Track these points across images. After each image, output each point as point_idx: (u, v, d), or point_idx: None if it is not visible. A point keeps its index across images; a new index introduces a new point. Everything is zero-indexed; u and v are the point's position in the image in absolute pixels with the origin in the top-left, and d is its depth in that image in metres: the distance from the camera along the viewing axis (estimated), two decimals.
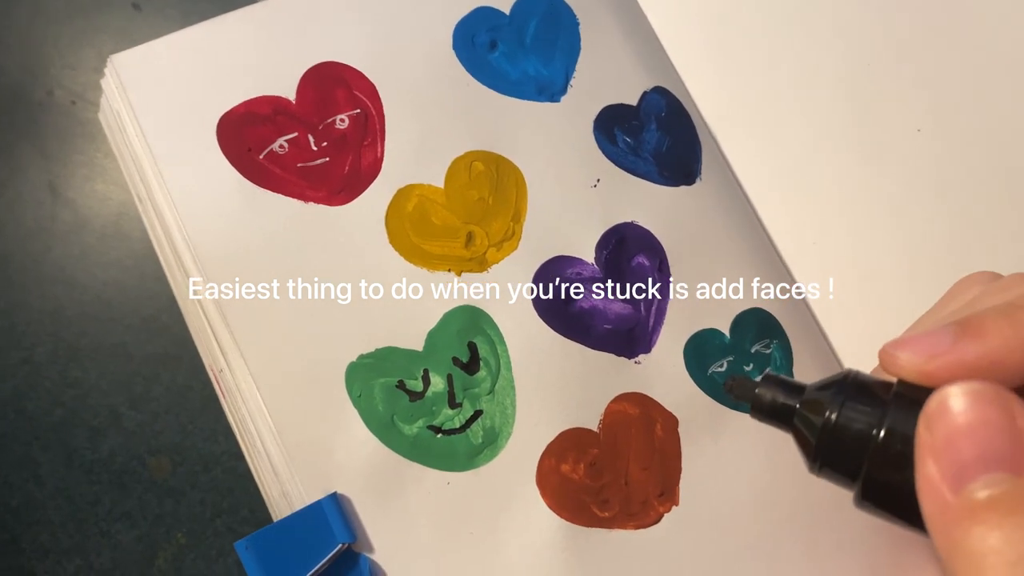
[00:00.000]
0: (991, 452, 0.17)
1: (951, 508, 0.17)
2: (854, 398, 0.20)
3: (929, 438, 0.18)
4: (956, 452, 0.17)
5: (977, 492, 0.17)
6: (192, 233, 0.30)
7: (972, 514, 0.17)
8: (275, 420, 0.28)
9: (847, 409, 0.20)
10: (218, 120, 0.31)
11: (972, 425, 0.17)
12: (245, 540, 0.27)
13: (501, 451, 0.29)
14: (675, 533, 0.29)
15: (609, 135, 0.33)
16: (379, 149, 0.31)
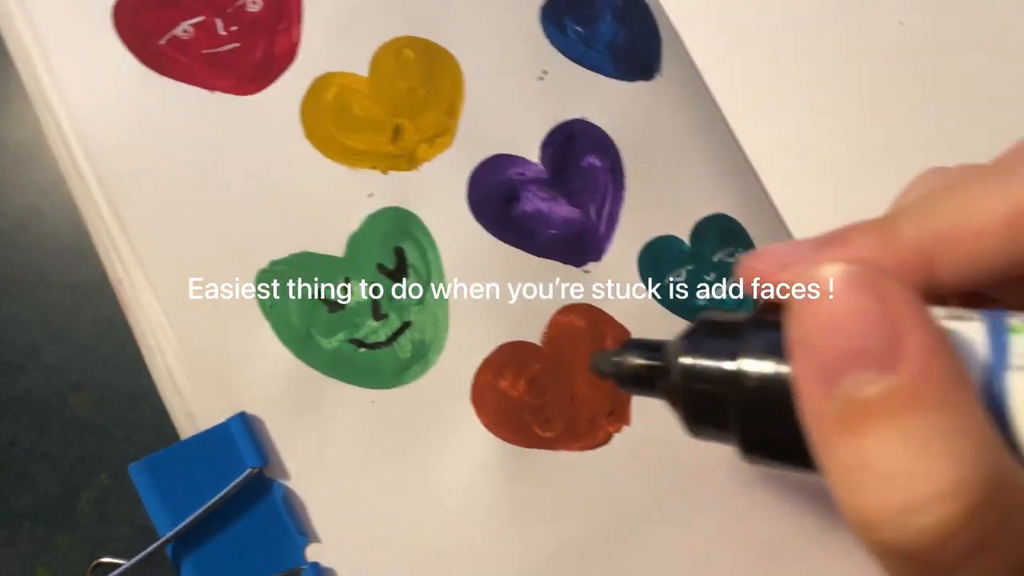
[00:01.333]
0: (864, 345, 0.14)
1: (821, 414, 0.15)
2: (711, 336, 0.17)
3: (796, 330, 0.15)
4: (824, 345, 0.15)
5: (848, 393, 0.14)
6: (85, 126, 0.26)
7: (840, 420, 0.14)
8: (177, 333, 0.25)
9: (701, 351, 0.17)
10: (115, 1, 0.27)
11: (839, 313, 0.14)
12: (139, 463, 0.24)
13: (432, 366, 0.26)
14: (625, 455, 0.26)
15: (558, 24, 0.30)
16: (295, 33, 0.28)
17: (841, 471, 0.14)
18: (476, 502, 0.25)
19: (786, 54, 0.33)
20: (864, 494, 0.14)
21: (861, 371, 0.14)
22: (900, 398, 0.14)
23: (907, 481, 0.14)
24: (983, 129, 0.32)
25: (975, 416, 0.14)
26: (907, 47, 0.33)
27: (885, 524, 0.14)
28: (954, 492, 0.13)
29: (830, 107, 0.32)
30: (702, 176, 0.30)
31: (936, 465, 0.13)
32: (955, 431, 0.14)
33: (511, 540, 0.25)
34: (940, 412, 0.14)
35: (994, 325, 0.15)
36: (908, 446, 0.14)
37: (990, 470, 0.13)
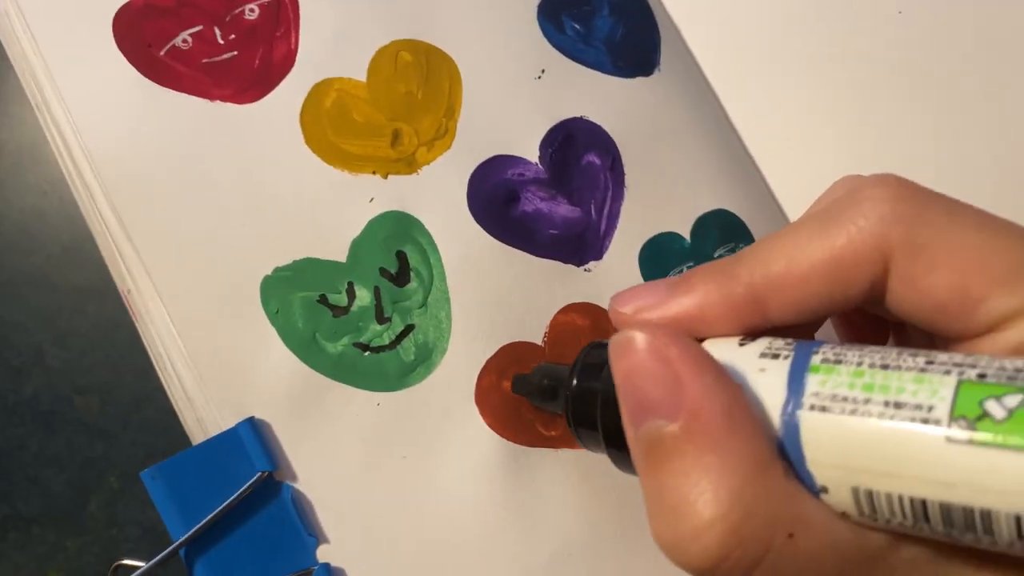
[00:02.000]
0: (653, 397, 0.17)
1: (633, 448, 0.17)
2: (590, 360, 0.21)
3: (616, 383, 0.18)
4: (630, 395, 0.17)
5: (643, 437, 0.17)
6: (88, 138, 0.27)
7: (643, 456, 0.17)
8: (185, 341, 0.26)
9: (581, 373, 0.21)
10: (114, 13, 0.27)
11: (634, 371, 0.17)
12: (152, 469, 0.25)
13: (436, 368, 0.26)
14: None
15: (556, 22, 0.30)
16: (293, 40, 0.28)
17: (647, 498, 0.17)
18: (481, 501, 0.26)
19: (785, 47, 0.33)
20: (657, 522, 0.17)
21: (654, 418, 0.17)
22: (680, 439, 0.16)
23: (683, 511, 0.16)
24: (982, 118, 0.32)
25: (744, 453, 0.16)
26: (906, 36, 0.33)
27: (671, 549, 0.16)
28: (715, 521, 0.16)
29: (830, 99, 0.32)
30: (702, 171, 0.30)
31: (704, 498, 0.16)
32: (722, 468, 0.16)
33: (516, 538, 0.26)
34: (711, 451, 0.16)
35: (798, 363, 0.17)
36: (686, 481, 0.16)
37: (751, 498, 0.16)
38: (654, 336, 0.17)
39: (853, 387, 0.16)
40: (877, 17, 0.34)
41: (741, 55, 0.33)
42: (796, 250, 0.18)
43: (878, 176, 0.18)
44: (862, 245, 0.17)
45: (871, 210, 0.17)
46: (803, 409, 0.16)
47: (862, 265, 0.17)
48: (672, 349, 0.17)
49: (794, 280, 0.18)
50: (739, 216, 0.30)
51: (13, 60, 0.30)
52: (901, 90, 0.33)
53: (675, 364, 0.17)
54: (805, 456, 0.16)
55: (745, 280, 0.18)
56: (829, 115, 0.32)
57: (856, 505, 0.16)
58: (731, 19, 0.33)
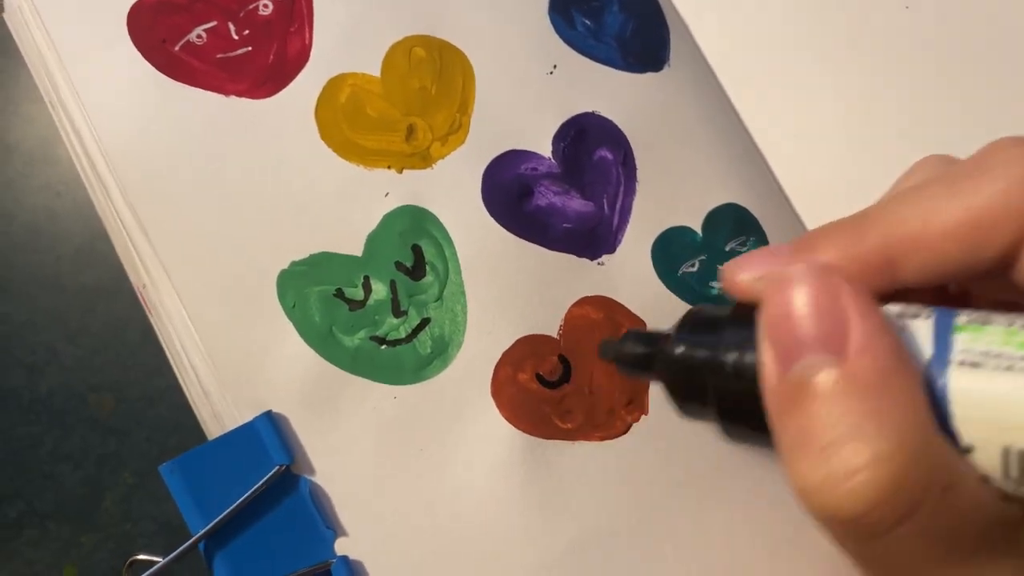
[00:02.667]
0: (815, 332, 0.16)
1: (777, 392, 0.17)
2: (696, 329, 0.20)
3: (763, 322, 0.17)
4: (783, 333, 0.17)
5: (799, 373, 0.16)
6: (103, 134, 0.27)
7: (792, 397, 0.16)
8: (202, 336, 0.26)
9: (687, 341, 0.20)
10: (128, 9, 0.27)
11: (797, 305, 0.17)
12: (170, 463, 0.25)
13: (452, 361, 0.27)
14: (645, 444, 0.27)
15: (567, 17, 0.30)
16: (307, 35, 0.28)
17: (788, 442, 0.16)
18: (498, 494, 0.26)
19: (793, 41, 0.33)
20: (804, 462, 0.16)
21: (812, 355, 0.16)
22: (842, 379, 0.16)
23: (840, 451, 0.15)
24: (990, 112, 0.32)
25: (907, 399, 0.15)
26: (914, 31, 0.34)
27: (819, 490, 0.16)
28: (879, 462, 0.15)
29: (839, 94, 0.33)
30: (713, 166, 0.30)
31: (866, 438, 0.15)
32: (886, 410, 0.15)
33: (533, 530, 0.26)
34: (875, 393, 0.15)
35: (941, 323, 0.16)
36: (845, 421, 0.15)
37: (915, 446, 0.15)
38: (823, 272, 0.17)
39: (1007, 344, 0.15)
40: (885, 12, 0.34)
41: (749, 50, 0.33)
42: (933, 209, 0.17)
43: (1016, 138, 0.17)
44: (1001, 204, 0.17)
45: (1012, 171, 0.17)
46: (952, 365, 0.16)
47: (1000, 226, 0.17)
48: (842, 287, 0.16)
49: (930, 240, 0.17)
50: (749, 210, 0.30)
51: (27, 57, 0.30)
52: (910, 85, 0.33)
53: (843, 300, 0.16)
54: (953, 413, 0.16)
55: (878, 239, 0.18)
56: (837, 109, 0.33)
57: (1004, 467, 0.15)
58: (739, 15, 0.33)
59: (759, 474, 0.27)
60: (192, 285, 0.26)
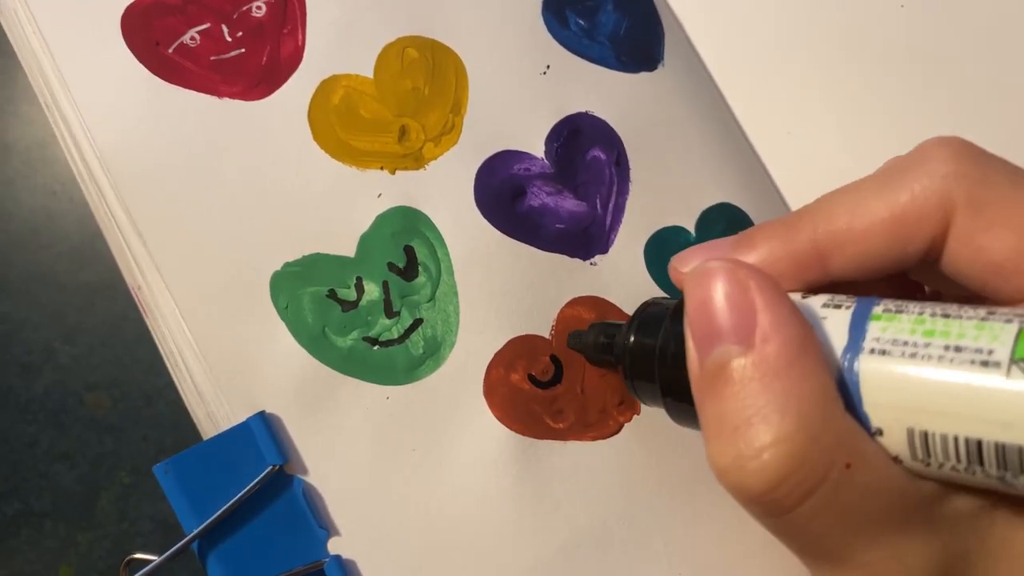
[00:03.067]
0: (726, 323, 0.17)
1: (699, 377, 0.18)
2: (646, 320, 0.22)
3: (686, 313, 0.18)
4: (702, 323, 0.18)
5: (713, 360, 0.17)
6: (97, 136, 0.27)
7: (710, 383, 0.17)
8: (195, 336, 0.26)
9: (639, 329, 0.22)
10: (122, 12, 0.27)
11: (712, 297, 0.18)
12: (164, 463, 0.25)
13: (444, 362, 0.27)
14: (636, 443, 0.27)
15: (560, 17, 0.30)
16: (300, 37, 0.28)
17: (707, 425, 0.18)
18: (491, 494, 0.26)
19: (788, 41, 0.33)
20: (718, 443, 0.17)
21: (724, 343, 0.17)
22: (749, 365, 0.17)
23: (745, 432, 0.16)
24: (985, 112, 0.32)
25: (810, 383, 0.16)
26: (909, 30, 0.34)
27: (730, 469, 0.17)
28: (780, 441, 0.16)
29: (833, 93, 0.33)
30: (707, 165, 0.30)
31: (769, 420, 0.16)
32: (789, 393, 0.16)
33: (525, 529, 0.26)
34: (778, 378, 0.16)
35: (859, 312, 0.17)
36: (752, 404, 0.16)
37: (816, 426, 0.16)
38: (734, 266, 0.18)
39: (914, 332, 0.16)
40: (880, 11, 0.34)
41: (743, 50, 0.33)
42: (859, 206, 0.18)
43: (942, 137, 0.18)
44: (925, 202, 0.17)
45: (936, 169, 0.17)
46: (863, 353, 0.16)
47: (924, 222, 0.17)
48: (751, 280, 0.17)
49: (856, 235, 0.18)
50: (743, 210, 0.30)
51: (22, 59, 0.30)
52: (904, 83, 0.33)
53: (751, 293, 0.17)
54: (863, 397, 0.16)
55: (808, 235, 0.18)
56: (832, 109, 0.33)
57: (910, 448, 0.16)
58: (733, 14, 0.33)
59: None
60: (186, 286, 0.26)
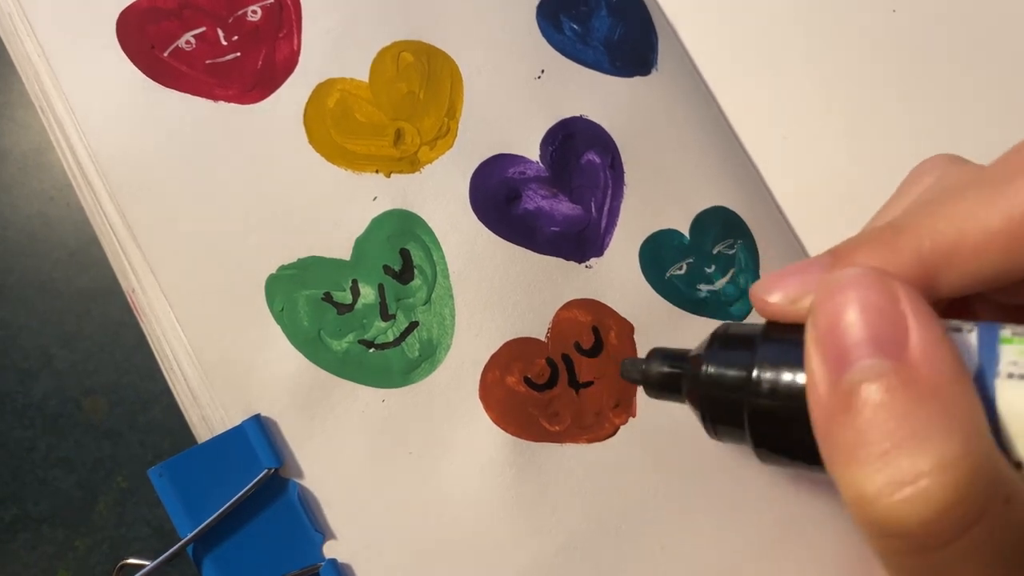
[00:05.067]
0: (872, 336, 0.15)
1: (828, 400, 0.16)
2: (726, 347, 0.19)
3: (814, 330, 0.16)
4: (836, 338, 0.16)
5: (854, 377, 0.15)
6: (93, 140, 0.27)
7: (848, 402, 0.15)
8: (190, 339, 0.26)
9: (718, 361, 0.19)
10: (118, 16, 0.28)
11: (854, 309, 0.16)
12: (159, 467, 0.25)
13: (440, 364, 0.27)
14: (632, 446, 0.27)
15: (554, 22, 0.30)
16: (295, 41, 0.28)
17: (842, 450, 0.15)
18: (487, 496, 0.26)
19: (781, 45, 0.33)
20: (861, 469, 0.15)
21: (870, 357, 0.15)
22: (902, 383, 0.15)
23: (902, 456, 0.14)
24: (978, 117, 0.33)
25: (969, 404, 0.15)
26: (900, 35, 0.34)
27: (876, 499, 0.15)
28: (943, 468, 0.14)
29: (826, 96, 0.33)
30: (700, 169, 0.30)
31: (930, 443, 0.14)
32: (950, 415, 0.14)
33: (521, 532, 0.26)
34: (938, 397, 0.15)
35: (987, 335, 0.16)
36: (905, 425, 0.15)
37: (980, 452, 0.14)
38: (881, 275, 0.16)
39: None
40: (872, 16, 0.34)
41: (737, 54, 0.33)
42: (968, 217, 0.16)
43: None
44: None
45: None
46: (1000, 378, 0.15)
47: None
48: (901, 290, 0.16)
49: (969, 249, 0.16)
50: (737, 213, 0.30)
51: (17, 64, 0.30)
52: (896, 88, 0.33)
53: (903, 303, 0.16)
54: (1003, 427, 0.15)
55: (912, 251, 0.17)
56: (824, 113, 0.33)
57: None
58: (727, 19, 0.34)
59: (747, 475, 0.27)
60: (181, 290, 0.26)
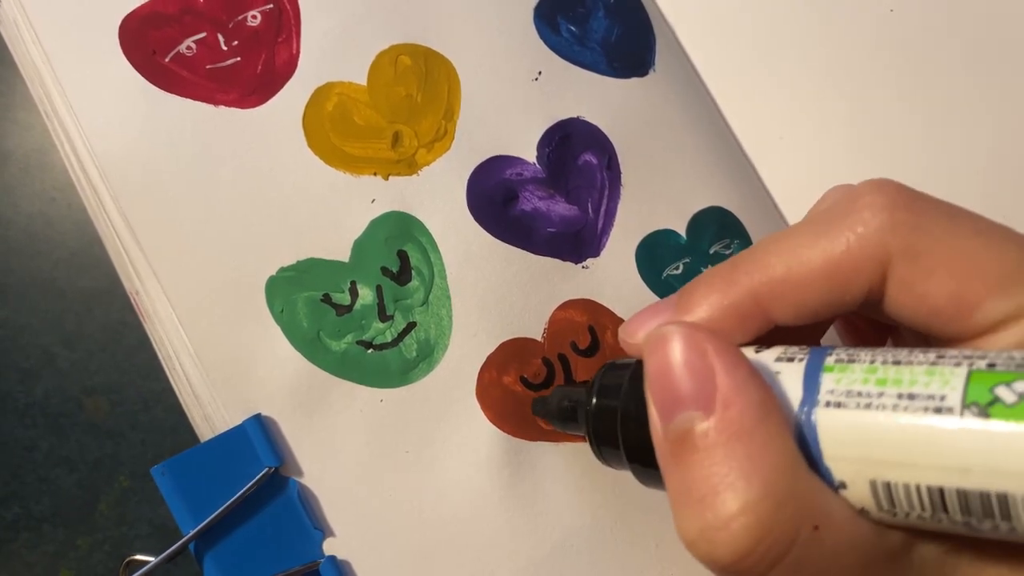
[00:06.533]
0: (687, 390, 0.17)
1: (662, 444, 0.17)
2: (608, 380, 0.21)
3: (647, 379, 0.18)
4: (662, 389, 0.17)
5: (673, 429, 0.17)
6: (96, 144, 0.27)
7: (672, 451, 0.17)
8: (192, 340, 0.26)
9: (600, 392, 0.21)
10: (120, 22, 0.28)
11: (670, 363, 0.17)
12: (161, 465, 0.25)
13: (437, 364, 0.27)
14: None
15: (551, 24, 0.31)
16: (294, 46, 0.28)
17: (673, 494, 0.17)
18: (484, 495, 0.26)
19: (779, 45, 0.33)
20: (683, 515, 0.17)
21: (685, 410, 0.17)
22: (712, 432, 0.16)
23: (711, 501, 0.16)
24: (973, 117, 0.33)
25: (773, 447, 0.16)
26: (897, 35, 0.34)
27: (697, 541, 0.16)
28: (747, 510, 0.15)
29: (823, 97, 0.33)
30: (697, 169, 0.31)
31: (735, 488, 0.16)
32: (753, 459, 0.16)
33: (518, 530, 0.26)
34: (742, 443, 0.16)
35: (812, 365, 0.17)
36: (715, 472, 0.16)
37: (781, 491, 0.16)
38: (690, 331, 0.17)
39: (867, 382, 0.16)
40: (869, 16, 0.34)
41: (734, 54, 0.33)
42: (795, 256, 0.18)
43: (876, 182, 0.18)
44: (860, 252, 0.17)
45: (870, 218, 0.17)
46: (819, 406, 0.16)
47: (860, 272, 0.17)
48: (708, 344, 0.17)
49: (793, 285, 0.18)
50: (734, 213, 0.30)
51: (22, 68, 0.30)
52: (893, 88, 0.33)
53: (710, 357, 0.17)
54: (823, 452, 0.16)
55: (746, 287, 0.18)
56: (822, 113, 0.33)
57: (875, 499, 0.16)
58: (724, 19, 0.34)
59: None
60: (183, 291, 0.26)
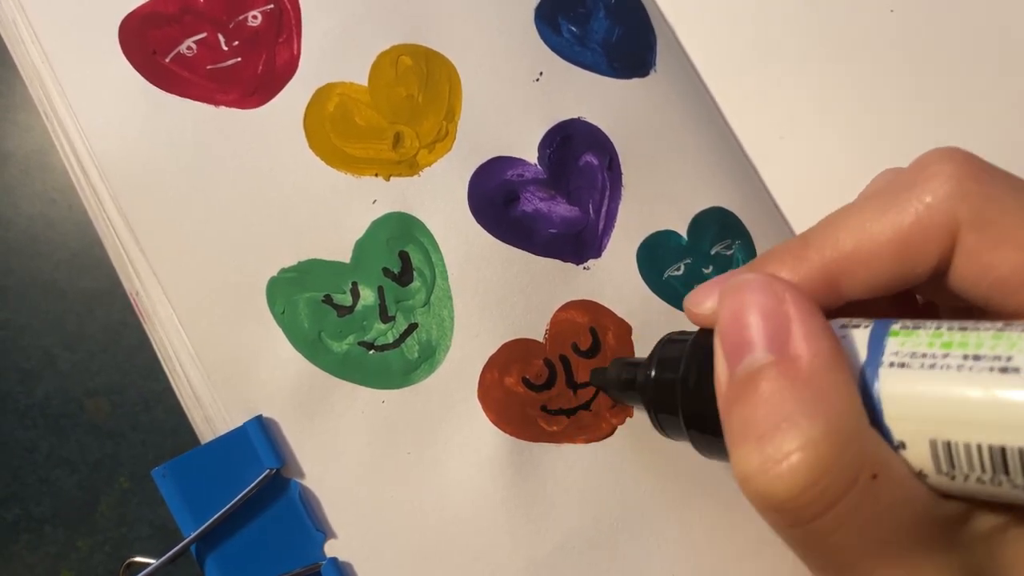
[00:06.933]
0: (759, 333, 0.17)
1: (725, 389, 0.18)
2: (667, 351, 0.22)
3: (718, 329, 0.18)
4: (733, 335, 0.18)
5: (744, 369, 0.17)
6: (96, 145, 0.27)
7: (737, 392, 0.17)
8: (193, 342, 0.26)
9: (660, 363, 0.22)
10: (120, 22, 0.28)
11: (746, 309, 0.18)
12: (162, 467, 0.25)
13: (439, 366, 0.27)
14: (629, 445, 0.27)
15: (552, 24, 0.30)
16: (295, 46, 0.28)
17: (732, 434, 0.17)
18: (485, 496, 0.26)
19: (779, 47, 0.33)
20: (743, 450, 0.17)
21: (757, 352, 0.17)
22: (780, 374, 0.17)
23: (773, 437, 0.16)
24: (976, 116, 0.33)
25: (839, 392, 0.16)
26: (898, 35, 0.34)
27: (755, 476, 0.16)
28: (808, 446, 0.16)
29: (824, 97, 0.33)
30: (698, 170, 0.30)
31: (797, 425, 0.16)
32: (818, 400, 0.16)
33: (520, 531, 0.26)
34: (810, 385, 0.16)
35: (877, 330, 0.17)
36: (780, 410, 0.16)
37: (843, 433, 0.16)
38: (769, 279, 0.18)
39: (932, 345, 0.16)
40: (870, 16, 0.34)
41: (735, 55, 0.33)
42: (864, 229, 0.18)
43: (943, 151, 0.18)
44: (930, 222, 0.17)
45: (939, 187, 0.17)
46: (883, 366, 0.17)
47: (930, 241, 0.18)
48: (787, 292, 0.18)
49: (864, 258, 0.18)
50: (735, 213, 0.30)
51: (21, 69, 0.30)
52: (893, 88, 0.33)
53: (787, 304, 0.17)
54: (884, 411, 0.16)
55: (816, 260, 0.19)
56: (823, 113, 0.33)
57: (934, 460, 0.16)
58: (726, 19, 0.34)
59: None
60: (183, 292, 0.26)
